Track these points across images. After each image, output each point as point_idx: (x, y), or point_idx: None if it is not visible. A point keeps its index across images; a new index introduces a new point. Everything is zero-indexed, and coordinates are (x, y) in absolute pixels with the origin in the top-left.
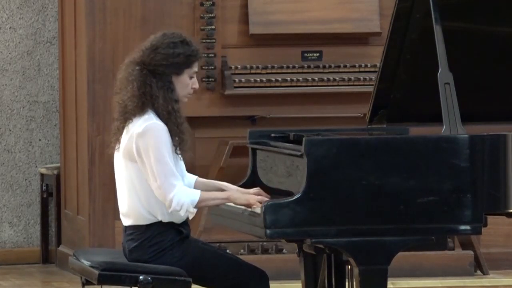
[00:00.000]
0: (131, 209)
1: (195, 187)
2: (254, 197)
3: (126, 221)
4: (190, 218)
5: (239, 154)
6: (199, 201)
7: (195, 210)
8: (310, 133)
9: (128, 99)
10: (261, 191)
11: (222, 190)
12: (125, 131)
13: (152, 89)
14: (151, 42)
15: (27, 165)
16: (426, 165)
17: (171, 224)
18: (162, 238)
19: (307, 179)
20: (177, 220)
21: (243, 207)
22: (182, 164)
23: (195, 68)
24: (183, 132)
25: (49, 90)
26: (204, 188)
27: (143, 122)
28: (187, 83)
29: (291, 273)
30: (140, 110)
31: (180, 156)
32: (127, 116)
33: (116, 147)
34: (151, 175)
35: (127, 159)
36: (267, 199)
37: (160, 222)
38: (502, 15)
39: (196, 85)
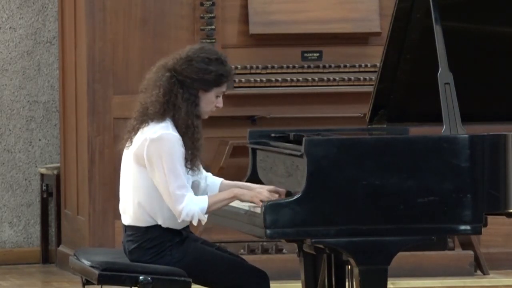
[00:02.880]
0: (132, 210)
1: (220, 190)
2: (258, 196)
3: (126, 220)
4: (203, 224)
5: (239, 154)
6: (208, 207)
7: (206, 216)
8: (310, 133)
9: (151, 103)
10: (278, 189)
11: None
12: (140, 132)
13: (177, 99)
14: (187, 53)
15: (27, 165)
16: (426, 165)
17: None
18: (162, 240)
19: (307, 179)
20: (177, 226)
21: (244, 207)
22: (189, 178)
23: (224, 88)
24: (198, 149)
25: (49, 90)
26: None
27: (159, 129)
28: (212, 101)
29: (291, 273)
30: (159, 116)
31: (189, 171)
32: (145, 119)
33: (127, 145)
34: (162, 184)
35: (135, 162)
36: (274, 198)
37: (160, 225)
38: (502, 15)
39: (221, 105)
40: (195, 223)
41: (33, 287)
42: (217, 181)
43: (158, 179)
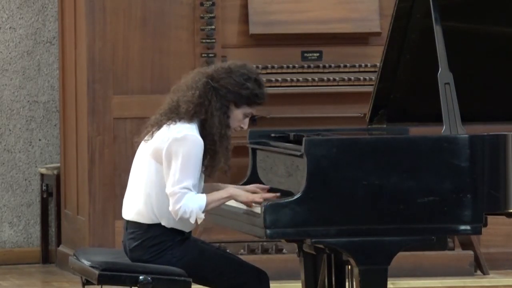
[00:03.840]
0: (139, 205)
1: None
2: (253, 196)
3: (129, 214)
4: (199, 223)
5: (239, 154)
6: (206, 205)
7: (204, 215)
8: (310, 133)
9: (184, 102)
10: (258, 188)
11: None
12: (164, 129)
13: (210, 105)
14: (229, 65)
15: (27, 165)
16: (426, 165)
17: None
18: (163, 239)
19: (307, 179)
20: (181, 227)
21: (243, 207)
22: (202, 183)
23: (254, 110)
24: (229, 159)
25: (49, 90)
26: (209, 192)
27: (185, 130)
28: (239, 119)
29: (291, 273)
30: (189, 116)
31: (202, 174)
32: (172, 116)
33: (146, 139)
34: (172, 179)
35: (153, 159)
36: (267, 196)
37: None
38: (502, 15)
39: (246, 126)
40: (192, 221)
41: (33, 287)
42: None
43: (169, 174)
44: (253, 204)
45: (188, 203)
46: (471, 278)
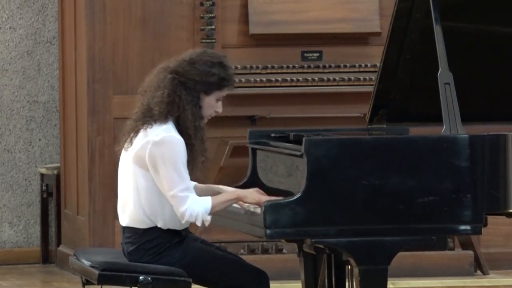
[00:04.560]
0: (131, 212)
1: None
2: (260, 197)
3: (124, 221)
4: (207, 225)
5: (239, 154)
6: (212, 208)
7: (210, 217)
8: (310, 133)
9: (155, 104)
10: (259, 191)
11: (219, 193)
12: (141, 134)
13: (181, 101)
14: (190, 56)
15: (27, 165)
16: (426, 165)
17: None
18: (160, 241)
19: (307, 179)
20: (178, 227)
21: (243, 207)
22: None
23: (225, 92)
24: (206, 150)
25: (49, 90)
26: (202, 194)
27: (162, 132)
28: (212, 105)
29: (291, 273)
30: (163, 117)
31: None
32: (147, 120)
33: (126, 146)
34: (166, 186)
35: (137, 165)
36: (272, 198)
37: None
38: (502, 15)
39: (220, 110)
40: (199, 223)
41: (33, 287)
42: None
43: (161, 181)
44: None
45: (193, 206)
46: (471, 278)
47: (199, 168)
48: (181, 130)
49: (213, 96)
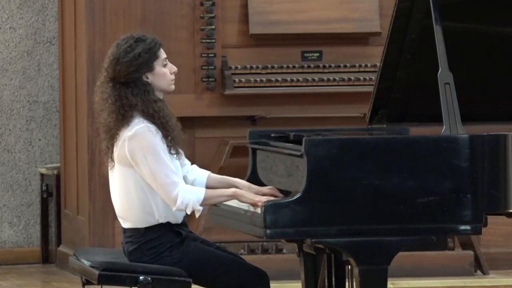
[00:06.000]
0: (128, 213)
1: (208, 183)
2: (260, 197)
3: (125, 224)
4: (197, 216)
5: (239, 154)
6: (205, 199)
7: (201, 208)
8: (310, 133)
9: (108, 116)
10: (275, 191)
11: (234, 186)
12: (115, 147)
13: (129, 100)
14: (109, 57)
15: (27, 165)
16: (426, 165)
17: (169, 226)
18: (161, 241)
19: (307, 179)
20: (174, 220)
21: (244, 207)
22: (177, 163)
23: (163, 55)
24: (171, 130)
25: (49, 90)
26: (216, 184)
27: (133, 126)
28: (163, 73)
29: (291, 273)
30: (123, 122)
31: (175, 156)
32: (112, 133)
33: (110, 166)
34: (151, 176)
35: (121, 165)
36: (273, 199)
37: (159, 224)
38: (502, 15)
39: (174, 69)
40: (189, 212)
41: (33, 287)
42: (204, 173)
43: (146, 173)
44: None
45: (185, 194)
46: (471, 278)
47: (181, 146)
48: (147, 119)
49: (158, 66)
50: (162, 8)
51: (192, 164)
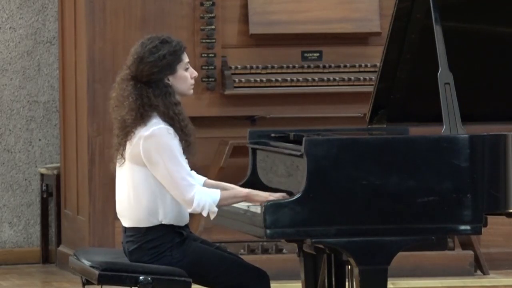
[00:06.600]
0: (132, 212)
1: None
2: (274, 195)
3: (126, 223)
4: (212, 218)
5: (239, 154)
6: (221, 200)
7: (217, 210)
8: (310, 133)
9: (126, 114)
10: (286, 196)
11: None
12: (128, 144)
13: (151, 100)
14: (133, 56)
15: (27, 165)
16: (426, 165)
17: (171, 227)
18: (162, 241)
19: (307, 179)
20: (179, 222)
21: (244, 207)
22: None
23: (186, 59)
24: (189, 135)
25: (49, 90)
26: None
27: (151, 126)
28: (185, 76)
29: (291, 273)
30: (140, 121)
31: (186, 160)
32: (128, 130)
33: (119, 163)
34: (167, 177)
35: (133, 163)
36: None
37: (161, 224)
38: (502, 15)
39: (195, 73)
40: (205, 214)
41: (33, 287)
42: (201, 179)
43: (162, 174)
44: None
45: (201, 195)
46: (471, 278)
47: (196, 151)
48: (165, 121)
49: (180, 70)
50: (162, 8)
51: (192, 164)
